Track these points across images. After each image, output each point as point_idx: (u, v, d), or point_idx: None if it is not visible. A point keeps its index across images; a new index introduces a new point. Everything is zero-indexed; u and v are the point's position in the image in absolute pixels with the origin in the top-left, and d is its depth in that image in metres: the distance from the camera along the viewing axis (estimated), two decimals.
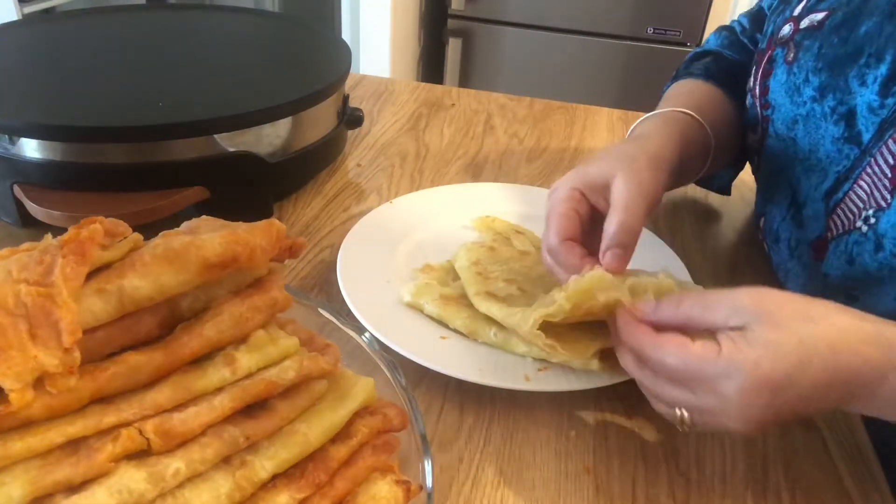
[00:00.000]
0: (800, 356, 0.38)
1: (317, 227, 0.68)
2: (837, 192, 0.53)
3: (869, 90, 0.49)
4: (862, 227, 0.49)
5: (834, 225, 0.53)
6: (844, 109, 0.51)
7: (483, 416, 0.49)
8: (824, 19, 0.54)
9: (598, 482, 0.45)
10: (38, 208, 0.56)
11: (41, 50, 0.72)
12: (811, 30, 0.55)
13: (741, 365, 0.39)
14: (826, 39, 0.53)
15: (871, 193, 0.49)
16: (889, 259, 0.48)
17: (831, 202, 0.53)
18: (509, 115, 0.97)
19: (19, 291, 0.30)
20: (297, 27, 0.85)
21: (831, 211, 0.53)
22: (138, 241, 0.35)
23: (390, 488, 0.36)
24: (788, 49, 0.56)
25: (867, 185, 0.50)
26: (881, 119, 0.49)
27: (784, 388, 0.39)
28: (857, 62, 0.50)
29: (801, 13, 0.57)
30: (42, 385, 0.29)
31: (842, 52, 0.51)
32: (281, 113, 0.65)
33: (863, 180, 0.50)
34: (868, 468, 0.48)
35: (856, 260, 0.50)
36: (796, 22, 0.57)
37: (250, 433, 0.33)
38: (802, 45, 0.55)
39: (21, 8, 1.68)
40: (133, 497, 0.29)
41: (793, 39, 0.56)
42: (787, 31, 0.58)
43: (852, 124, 0.51)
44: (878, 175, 0.48)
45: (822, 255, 0.55)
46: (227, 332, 0.35)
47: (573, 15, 2.22)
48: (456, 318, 0.53)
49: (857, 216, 0.50)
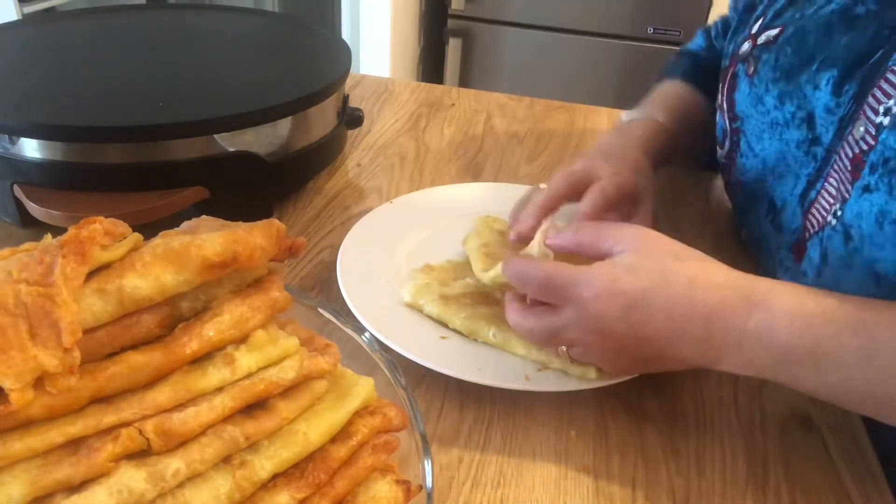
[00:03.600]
0: (657, 280, 0.43)
1: (317, 227, 0.68)
2: (810, 192, 0.55)
3: (823, 92, 0.53)
4: (832, 222, 0.51)
5: (810, 225, 0.55)
6: (803, 114, 0.55)
7: (483, 416, 0.49)
8: (778, 34, 0.58)
9: (598, 482, 0.45)
10: (38, 208, 0.56)
11: (41, 50, 0.72)
12: (768, 44, 0.59)
13: (600, 275, 0.44)
14: (781, 51, 0.57)
15: (838, 188, 0.51)
16: (856, 247, 0.49)
17: (806, 203, 0.56)
18: (509, 115, 0.97)
19: (19, 291, 0.30)
20: (297, 27, 0.85)
21: (806, 211, 0.56)
22: (138, 241, 0.35)
23: (390, 488, 0.36)
24: (749, 63, 0.61)
25: (835, 182, 0.52)
26: (839, 118, 0.52)
27: (637, 303, 0.43)
28: (809, 68, 0.54)
29: (758, 31, 0.62)
30: (42, 385, 0.29)
31: (795, 62, 0.56)
32: (281, 113, 0.65)
33: (831, 177, 0.52)
34: (868, 468, 0.48)
35: (829, 255, 0.52)
36: (754, 39, 0.62)
37: (250, 433, 0.33)
38: (761, 59, 0.59)
39: (21, 8, 1.68)
40: (133, 497, 0.29)
41: (752, 54, 0.61)
42: (747, 47, 0.62)
43: (812, 127, 0.54)
44: (842, 170, 0.51)
45: (800, 256, 0.56)
46: (227, 332, 0.35)
47: (573, 15, 2.22)
48: (455, 318, 0.53)
49: (828, 212, 0.52)
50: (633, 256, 0.45)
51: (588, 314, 0.44)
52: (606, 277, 0.44)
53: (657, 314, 0.43)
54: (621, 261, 0.45)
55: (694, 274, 0.44)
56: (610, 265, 0.44)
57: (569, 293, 0.44)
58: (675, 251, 0.46)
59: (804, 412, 0.52)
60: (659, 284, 0.43)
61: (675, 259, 0.45)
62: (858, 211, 0.48)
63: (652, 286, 0.43)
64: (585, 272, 0.44)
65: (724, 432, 0.49)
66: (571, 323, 0.45)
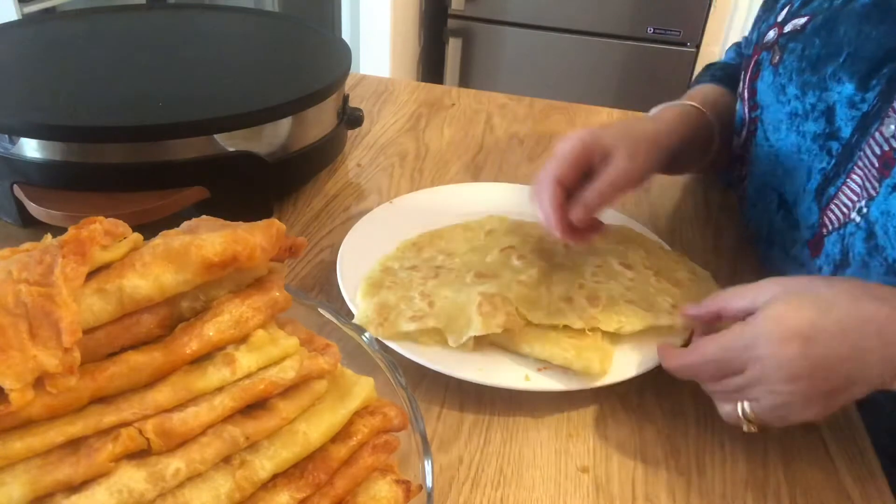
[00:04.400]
0: (819, 306, 0.42)
1: (317, 227, 0.68)
2: (829, 187, 0.55)
3: (847, 86, 0.52)
4: (856, 219, 0.51)
5: (829, 221, 0.55)
6: (823, 106, 0.54)
7: (483, 416, 0.49)
8: (806, 23, 0.57)
9: (598, 482, 0.45)
10: (38, 208, 0.56)
11: (41, 50, 0.72)
12: (794, 33, 0.58)
13: (766, 323, 0.42)
14: (808, 41, 0.56)
15: (863, 186, 0.51)
16: (878, 244, 0.49)
17: (824, 199, 0.55)
18: (509, 115, 0.97)
19: (19, 291, 0.30)
20: (297, 27, 0.85)
21: (825, 207, 0.55)
22: (138, 241, 0.35)
23: (390, 488, 0.36)
24: (773, 52, 0.60)
25: (859, 178, 0.52)
26: (862, 113, 0.52)
27: (812, 335, 0.41)
28: (836, 60, 0.53)
29: (785, 19, 0.60)
30: (42, 385, 0.29)
31: (823, 52, 0.55)
32: (281, 113, 0.65)
33: (855, 174, 0.52)
34: (868, 468, 0.48)
35: (850, 251, 0.52)
36: (780, 27, 0.60)
37: (250, 433, 0.33)
38: (787, 48, 0.58)
39: (21, 8, 1.68)
40: (133, 497, 0.29)
41: (777, 43, 0.60)
42: (772, 36, 0.61)
43: (831, 120, 0.54)
44: (868, 167, 0.50)
45: (818, 251, 0.56)
46: (227, 332, 0.35)
47: (573, 15, 2.22)
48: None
49: (851, 209, 0.52)
50: (782, 297, 0.43)
51: (770, 366, 0.42)
52: (772, 323, 0.42)
53: (832, 341, 0.41)
54: (777, 304, 0.43)
55: (852, 290, 0.43)
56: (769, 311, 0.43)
57: (744, 357, 0.43)
58: (815, 280, 0.45)
59: None
60: (823, 310, 0.42)
61: (825, 283, 0.44)
62: (886, 209, 0.48)
63: (818, 314, 0.41)
64: (749, 328, 0.43)
65: (724, 432, 0.49)
66: (756, 380, 0.43)
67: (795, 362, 0.41)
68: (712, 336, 0.45)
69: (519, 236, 0.62)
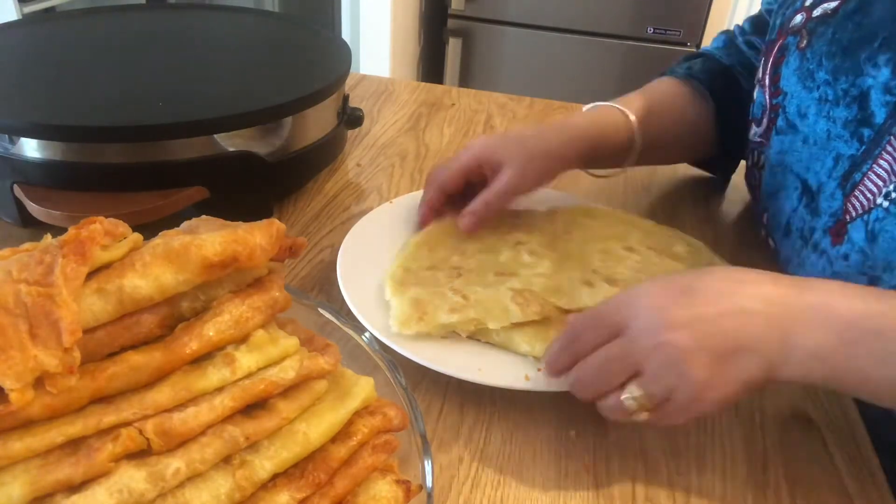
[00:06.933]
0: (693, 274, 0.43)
1: (317, 227, 0.68)
2: (855, 173, 0.54)
3: (883, 71, 0.51)
4: (883, 203, 0.50)
5: (853, 207, 0.54)
6: (857, 92, 0.53)
7: (483, 416, 0.49)
8: (837, 7, 0.56)
9: (598, 482, 0.45)
10: (38, 208, 0.56)
11: (41, 50, 0.72)
12: (825, 17, 0.57)
13: (637, 290, 0.44)
14: (840, 25, 0.55)
15: (890, 170, 0.50)
16: None
17: (848, 185, 0.54)
18: (509, 115, 0.97)
19: (19, 291, 0.30)
20: (297, 27, 0.85)
21: (849, 194, 0.54)
22: (138, 241, 0.35)
23: (390, 488, 0.36)
24: (801, 37, 0.59)
25: (887, 164, 0.51)
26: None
27: (687, 289, 0.42)
28: (871, 45, 0.52)
29: (814, 3, 0.59)
30: (42, 385, 0.29)
31: (856, 37, 0.54)
32: (281, 113, 0.65)
33: (882, 159, 0.51)
34: (868, 468, 0.48)
35: (878, 236, 0.51)
36: (808, 11, 0.59)
37: (250, 433, 0.33)
38: (816, 32, 0.57)
39: (21, 8, 1.68)
40: (133, 497, 0.29)
41: (805, 27, 0.59)
42: (799, 20, 0.60)
43: (865, 106, 0.53)
44: None
45: (840, 239, 0.55)
46: (227, 332, 0.35)
47: (573, 15, 2.22)
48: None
49: (878, 194, 0.51)
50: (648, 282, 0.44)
51: (649, 317, 0.41)
52: (643, 287, 0.43)
53: (709, 294, 0.41)
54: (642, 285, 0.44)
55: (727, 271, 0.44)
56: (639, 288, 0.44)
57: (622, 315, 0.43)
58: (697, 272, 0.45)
59: (804, 412, 0.52)
60: (698, 274, 0.43)
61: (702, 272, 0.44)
62: None
63: (692, 278, 0.43)
64: (621, 295, 0.44)
65: (724, 432, 0.49)
66: (636, 337, 0.42)
67: (672, 310, 0.41)
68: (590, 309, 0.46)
69: (522, 230, 0.64)
